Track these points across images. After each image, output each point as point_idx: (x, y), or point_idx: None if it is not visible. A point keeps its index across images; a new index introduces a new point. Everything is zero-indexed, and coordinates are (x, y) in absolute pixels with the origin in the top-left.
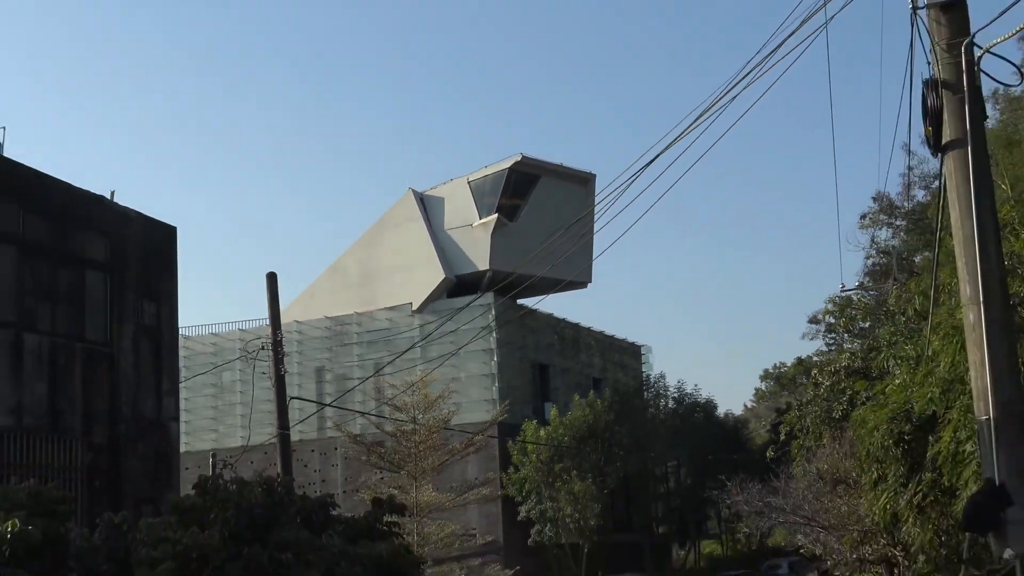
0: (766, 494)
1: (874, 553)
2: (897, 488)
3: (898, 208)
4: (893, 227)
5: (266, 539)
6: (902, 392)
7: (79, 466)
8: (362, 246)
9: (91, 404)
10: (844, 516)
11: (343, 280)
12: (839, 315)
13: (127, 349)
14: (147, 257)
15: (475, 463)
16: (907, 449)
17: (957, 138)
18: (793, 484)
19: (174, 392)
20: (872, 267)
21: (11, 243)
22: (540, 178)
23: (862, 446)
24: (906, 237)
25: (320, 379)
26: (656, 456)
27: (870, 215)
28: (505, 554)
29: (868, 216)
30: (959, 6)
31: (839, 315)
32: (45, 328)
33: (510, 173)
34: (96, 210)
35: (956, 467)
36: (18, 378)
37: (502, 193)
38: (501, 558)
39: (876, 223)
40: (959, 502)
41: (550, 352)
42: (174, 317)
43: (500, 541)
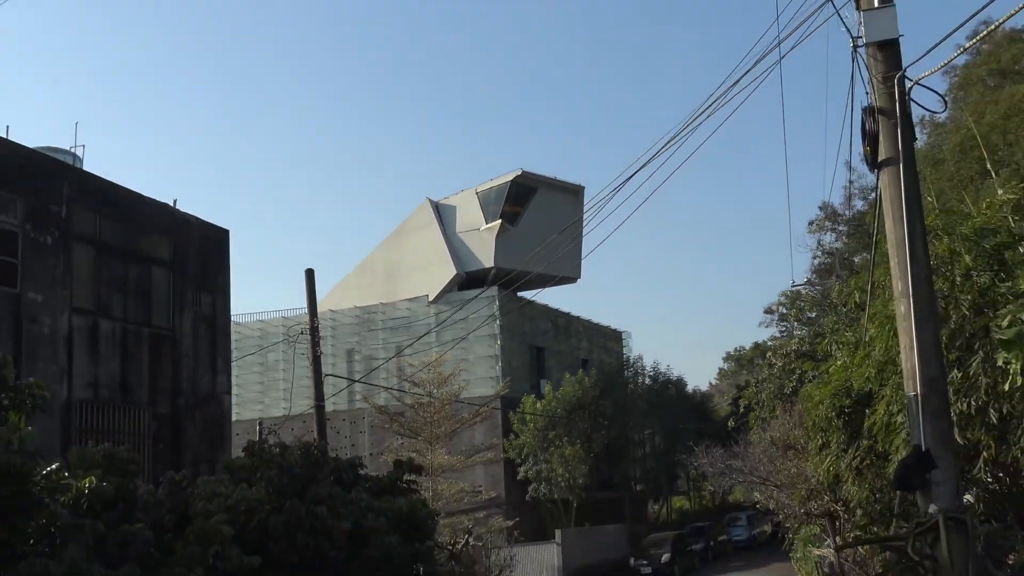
0: (728, 458)
1: (819, 508)
2: (838, 453)
3: (840, 216)
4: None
5: (304, 494)
6: (843, 372)
7: (146, 432)
8: (386, 246)
9: (156, 380)
10: (793, 476)
11: (370, 275)
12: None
13: (187, 333)
14: (204, 255)
15: (481, 430)
16: (847, 420)
17: (891, 157)
18: (750, 449)
19: (226, 370)
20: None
21: (89, 243)
22: (537, 189)
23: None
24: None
25: (350, 359)
26: (634, 425)
27: (817, 222)
28: (506, 508)
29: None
30: (893, 44)
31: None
32: (118, 315)
33: (512, 185)
34: (161, 215)
35: (889, 436)
36: (95, 357)
37: (505, 202)
38: (503, 511)
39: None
40: (891, 465)
41: (545, 337)
42: (227, 306)
43: (502, 497)
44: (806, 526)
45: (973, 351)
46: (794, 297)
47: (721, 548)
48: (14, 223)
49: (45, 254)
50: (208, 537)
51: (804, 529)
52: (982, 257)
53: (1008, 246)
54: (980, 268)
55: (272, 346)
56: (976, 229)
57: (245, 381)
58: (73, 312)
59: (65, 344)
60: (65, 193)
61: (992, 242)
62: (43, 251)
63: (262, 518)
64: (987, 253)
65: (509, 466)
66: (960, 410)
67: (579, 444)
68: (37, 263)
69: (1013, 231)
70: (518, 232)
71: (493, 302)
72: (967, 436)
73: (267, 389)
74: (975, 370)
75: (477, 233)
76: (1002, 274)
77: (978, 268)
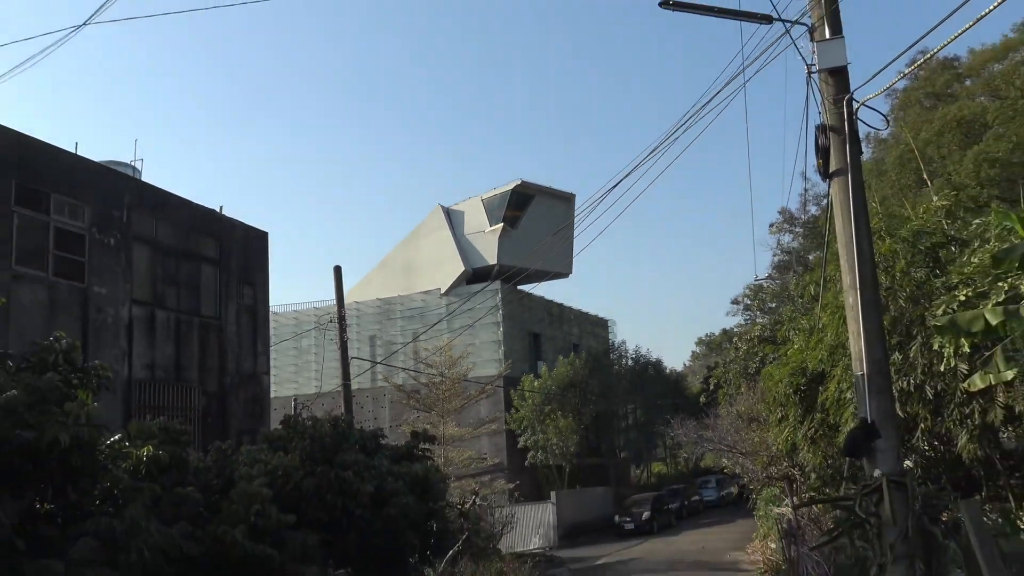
0: (700, 429)
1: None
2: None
3: (797, 219)
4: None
5: (332, 461)
6: (799, 355)
7: (196, 407)
8: (404, 246)
9: (205, 362)
10: (756, 445)
11: (390, 271)
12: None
13: (231, 321)
14: (246, 254)
15: (486, 405)
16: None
17: (840, 168)
18: (719, 421)
19: (266, 352)
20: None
21: (147, 244)
22: (534, 197)
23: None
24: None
25: (372, 344)
26: (618, 401)
27: (776, 224)
28: (508, 472)
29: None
30: (842, 71)
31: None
32: (172, 306)
33: (512, 193)
34: (209, 220)
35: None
36: (151, 342)
37: (506, 208)
38: (505, 475)
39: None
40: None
41: (541, 324)
42: (266, 298)
43: (504, 463)
44: (768, 488)
45: (912, 336)
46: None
47: (694, 507)
48: (82, 227)
49: (108, 253)
50: (250, 498)
51: (766, 491)
52: (919, 255)
53: (942, 245)
54: (917, 265)
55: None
56: (914, 231)
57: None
58: (133, 303)
59: (126, 331)
60: (126, 200)
61: (927, 242)
62: (107, 251)
63: (296, 482)
64: (923, 252)
65: (510, 436)
66: (901, 387)
67: (571, 417)
68: (102, 261)
69: (946, 232)
70: (518, 234)
71: (496, 294)
72: (907, 410)
73: (301, 370)
74: (914, 353)
75: (482, 235)
76: (936, 270)
77: (915, 265)
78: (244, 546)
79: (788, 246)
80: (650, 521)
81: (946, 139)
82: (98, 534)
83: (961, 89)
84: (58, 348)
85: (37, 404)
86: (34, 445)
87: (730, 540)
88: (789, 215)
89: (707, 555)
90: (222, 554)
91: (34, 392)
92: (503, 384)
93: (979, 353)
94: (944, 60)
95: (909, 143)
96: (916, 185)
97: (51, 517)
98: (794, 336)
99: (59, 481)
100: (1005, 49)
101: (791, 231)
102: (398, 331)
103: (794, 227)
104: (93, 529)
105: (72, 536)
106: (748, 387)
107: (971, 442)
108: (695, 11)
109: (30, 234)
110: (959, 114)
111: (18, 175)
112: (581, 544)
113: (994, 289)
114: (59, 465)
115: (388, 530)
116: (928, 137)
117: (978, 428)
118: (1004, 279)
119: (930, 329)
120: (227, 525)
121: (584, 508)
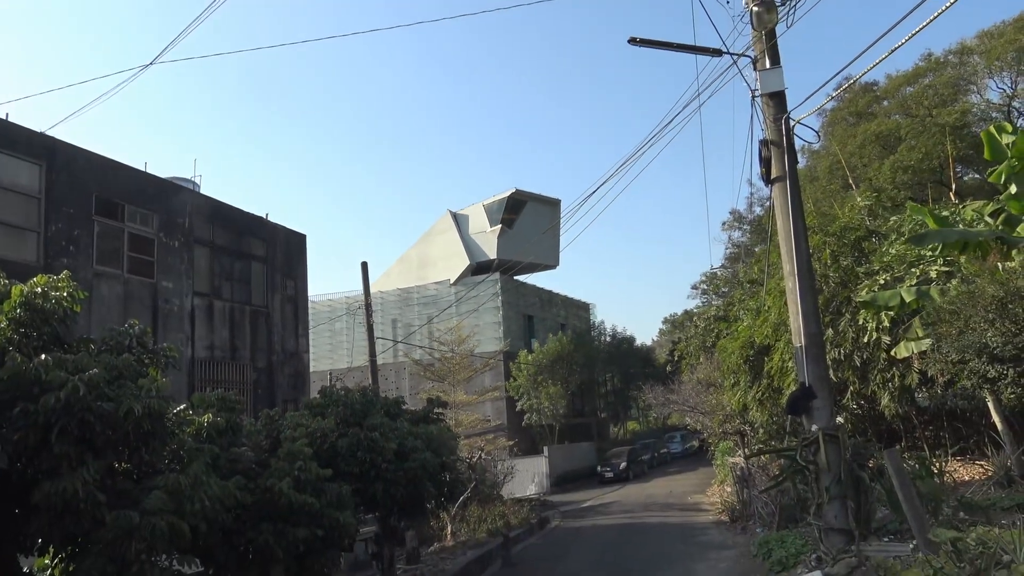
0: (666, 393)
1: (732, 428)
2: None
3: (745, 218)
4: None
5: (362, 424)
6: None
7: (248, 381)
8: (419, 244)
9: (255, 343)
10: (713, 406)
11: (408, 265)
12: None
13: (276, 309)
14: (288, 253)
15: (489, 376)
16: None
17: (780, 175)
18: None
19: (305, 335)
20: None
21: (205, 246)
22: (527, 202)
23: (725, 363)
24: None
25: (394, 327)
26: (599, 371)
27: (728, 222)
28: (508, 431)
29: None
30: (780, 94)
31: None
32: (227, 297)
33: (509, 199)
34: (258, 225)
35: (783, 376)
36: (210, 327)
37: (504, 211)
38: (505, 434)
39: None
40: (783, 397)
41: (534, 308)
42: (305, 289)
43: (505, 424)
44: (723, 441)
45: (841, 314)
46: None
47: (663, 458)
48: (151, 232)
49: (173, 254)
50: (293, 455)
51: (722, 444)
52: (846, 247)
53: (865, 238)
54: (845, 254)
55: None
56: (842, 227)
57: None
58: (195, 295)
59: (189, 318)
60: (188, 209)
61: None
62: (172, 251)
63: (332, 441)
64: (850, 244)
65: (510, 402)
66: (833, 357)
67: (559, 385)
68: (168, 260)
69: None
70: (514, 233)
71: (496, 284)
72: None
73: (335, 348)
74: (843, 327)
75: (484, 234)
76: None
77: (843, 254)
78: (289, 495)
79: (738, 241)
80: (626, 470)
81: (867, 150)
82: (167, 488)
83: (879, 108)
84: (132, 333)
85: (115, 380)
86: (113, 414)
87: (692, 485)
88: (738, 215)
89: (673, 498)
90: (271, 502)
91: (112, 370)
92: (503, 358)
93: (896, 328)
94: (865, 84)
95: (837, 154)
96: (843, 189)
97: (127, 475)
98: (744, 314)
99: (134, 444)
100: (915, 75)
101: (740, 228)
102: (415, 315)
103: (742, 225)
104: (163, 484)
105: (145, 489)
106: (706, 358)
107: (892, 401)
108: (657, 47)
109: (108, 239)
110: (878, 129)
111: (97, 189)
112: (569, 490)
113: (908, 274)
114: (134, 431)
115: (409, 481)
116: (852, 149)
117: (898, 390)
118: (917, 265)
119: (856, 307)
120: (275, 479)
121: (571, 460)
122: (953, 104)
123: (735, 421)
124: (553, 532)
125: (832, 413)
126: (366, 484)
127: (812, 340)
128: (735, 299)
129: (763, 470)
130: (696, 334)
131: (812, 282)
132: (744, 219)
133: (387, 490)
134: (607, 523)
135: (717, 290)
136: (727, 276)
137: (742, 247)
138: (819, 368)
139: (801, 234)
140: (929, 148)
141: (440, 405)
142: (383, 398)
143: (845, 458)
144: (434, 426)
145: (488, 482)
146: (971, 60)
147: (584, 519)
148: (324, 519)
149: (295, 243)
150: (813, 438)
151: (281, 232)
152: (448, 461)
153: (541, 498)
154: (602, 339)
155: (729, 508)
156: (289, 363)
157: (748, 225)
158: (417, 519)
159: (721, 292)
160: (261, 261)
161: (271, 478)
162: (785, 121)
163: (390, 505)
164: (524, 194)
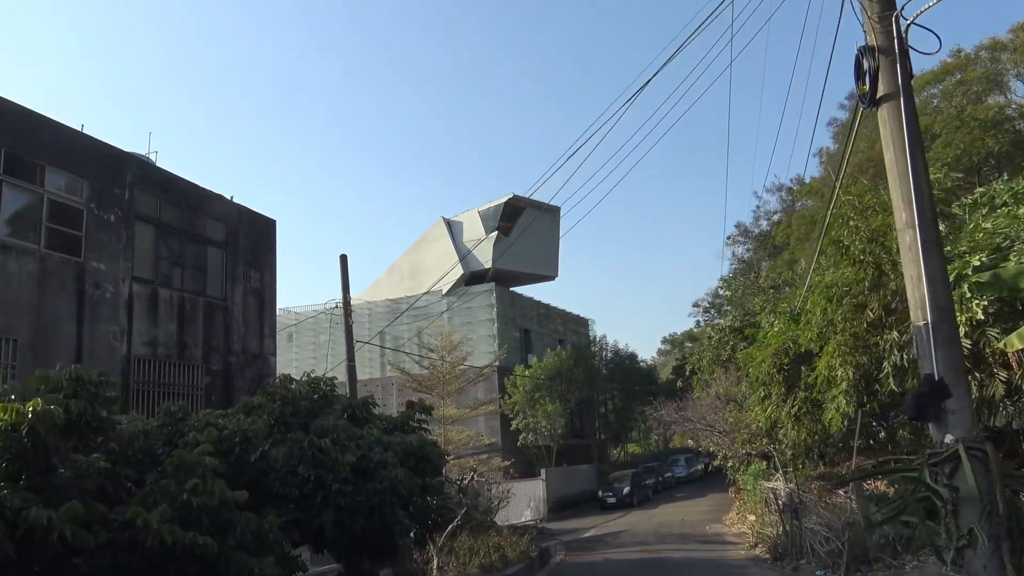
0: (677, 410)
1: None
2: (778, 403)
3: (751, 232)
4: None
5: (309, 427)
6: (781, 336)
7: (200, 385)
8: (410, 252)
9: (210, 341)
10: (732, 424)
11: (398, 275)
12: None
13: (238, 303)
14: (254, 239)
15: (483, 389)
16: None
17: (890, 92)
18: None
19: (272, 335)
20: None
21: (149, 223)
22: (525, 209)
23: (752, 374)
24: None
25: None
26: (599, 388)
27: (732, 236)
28: (502, 451)
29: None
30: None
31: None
32: (176, 286)
33: (505, 206)
34: (216, 204)
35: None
36: (153, 320)
37: (500, 219)
38: (500, 454)
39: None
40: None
41: (531, 322)
42: (273, 282)
43: (499, 443)
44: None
45: None
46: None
47: (667, 483)
48: (79, 201)
49: (108, 229)
50: (187, 469)
51: (753, 466)
52: None
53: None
54: None
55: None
56: None
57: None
58: (134, 281)
59: (125, 308)
60: (128, 179)
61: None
62: (106, 226)
63: (264, 450)
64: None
65: (504, 419)
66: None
67: (558, 403)
68: (100, 237)
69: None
70: (510, 242)
71: (491, 294)
72: None
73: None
74: None
75: (479, 242)
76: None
77: None
78: (161, 532)
79: (742, 256)
80: (630, 495)
81: None
82: None
83: None
84: None
85: None
86: None
87: (705, 513)
88: (744, 228)
89: (688, 527)
90: (133, 543)
91: None
92: (498, 373)
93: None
94: None
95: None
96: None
97: None
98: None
99: None
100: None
101: (743, 243)
102: (405, 328)
103: (747, 240)
104: None
105: None
106: (722, 372)
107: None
108: None
109: (19, 204)
110: None
111: (9, 143)
112: (569, 517)
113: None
114: None
115: (372, 508)
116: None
117: None
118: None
119: None
120: (141, 507)
121: (570, 483)
122: (986, 100)
123: (761, 441)
124: (559, 570)
125: (974, 419)
126: (309, 513)
127: (941, 315)
128: (757, 306)
129: (818, 498)
130: (709, 347)
131: (938, 235)
132: (750, 233)
133: (340, 521)
134: (620, 558)
135: (731, 300)
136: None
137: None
138: (952, 355)
139: (922, 172)
140: (967, 144)
141: (423, 411)
142: (345, 397)
143: (999, 483)
144: (414, 435)
145: (481, 507)
146: (1002, 57)
147: (592, 552)
148: (228, 570)
149: (262, 228)
150: (949, 453)
151: (245, 214)
152: (433, 482)
153: (538, 525)
154: (603, 355)
155: (769, 542)
156: (251, 366)
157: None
158: (385, 560)
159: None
160: (219, 246)
161: (136, 505)
162: (896, 20)
163: (346, 542)
164: (521, 200)
